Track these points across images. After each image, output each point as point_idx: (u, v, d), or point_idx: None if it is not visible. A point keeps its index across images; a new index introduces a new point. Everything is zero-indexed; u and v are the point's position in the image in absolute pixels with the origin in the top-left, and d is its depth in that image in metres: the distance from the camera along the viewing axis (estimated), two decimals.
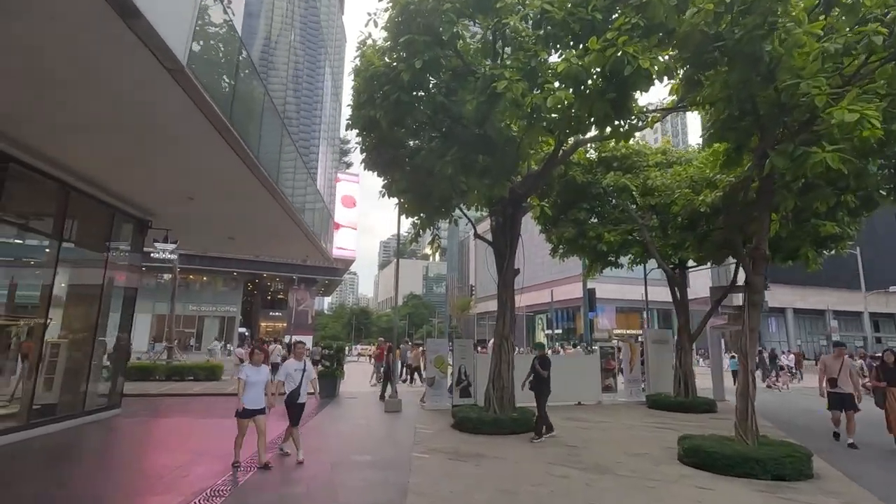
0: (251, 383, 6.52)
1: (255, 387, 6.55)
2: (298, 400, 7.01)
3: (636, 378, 14.34)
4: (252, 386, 6.53)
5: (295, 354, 7.32)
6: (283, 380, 6.98)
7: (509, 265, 10.37)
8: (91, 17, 4.28)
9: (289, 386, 6.97)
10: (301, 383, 7.03)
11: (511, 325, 10.25)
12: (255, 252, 16.03)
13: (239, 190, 9.11)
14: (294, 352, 7.41)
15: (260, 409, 6.60)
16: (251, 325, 62.15)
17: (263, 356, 9.37)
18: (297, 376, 7.02)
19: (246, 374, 6.53)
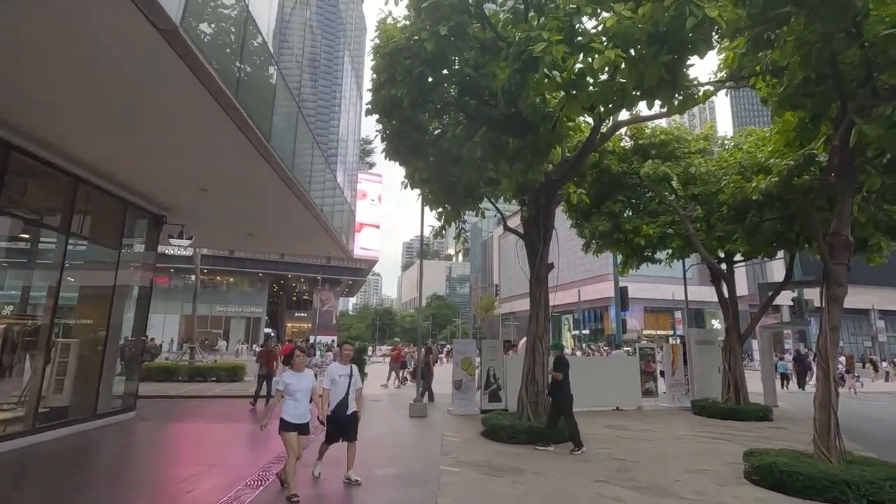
0: (294, 392, 5.40)
1: (298, 397, 5.41)
2: (347, 411, 5.82)
3: (678, 382, 13.26)
4: (295, 396, 5.40)
5: (341, 357, 6.28)
6: (328, 387, 5.78)
7: (543, 259, 9.52)
8: None
9: (333, 396, 5.80)
10: (348, 392, 5.84)
11: (545, 324, 9.40)
12: (276, 250, 15.59)
13: (251, 178, 8.54)
14: (340, 354, 6.40)
15: (304, 423, 5.42)
16: (277, 325, 62.65)
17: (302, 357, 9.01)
18: (342, 384, 5.83)
19: (285, 384, 5.42)
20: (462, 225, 11.44)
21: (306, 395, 5.49)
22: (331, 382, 5.80)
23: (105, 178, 8.59)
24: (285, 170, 8.18)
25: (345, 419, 5.81)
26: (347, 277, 59.43)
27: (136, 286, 10.53)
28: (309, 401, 5.52)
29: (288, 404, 5.36)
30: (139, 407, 10.98)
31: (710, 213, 12.85)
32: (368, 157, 64.98)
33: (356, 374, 6.02)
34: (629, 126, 13.41)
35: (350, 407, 5.86)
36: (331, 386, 5.79)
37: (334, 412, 5.76)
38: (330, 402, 5.76)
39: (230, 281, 56.71)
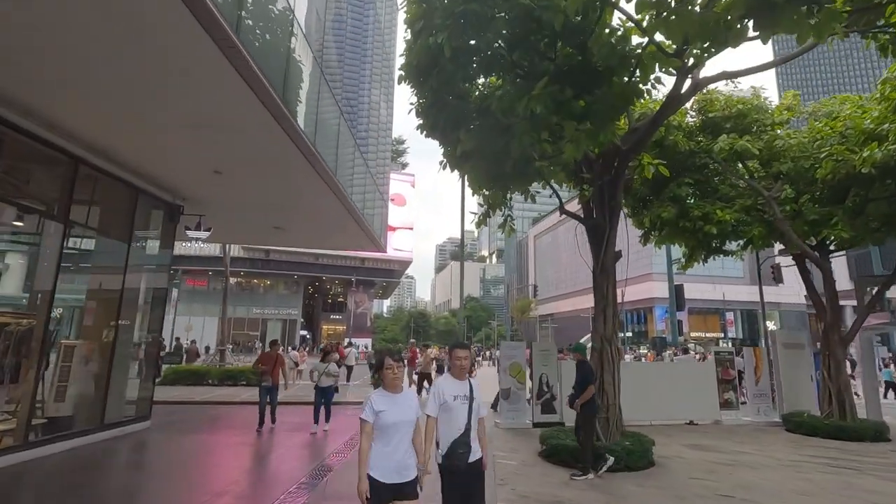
0: (387, 428, 3.02)
1: (393, 436, 3.03)
2: (469, 457, 3.30)
3: (763, 392, 11.36)
4: (388, 434, 3.02)
5: (453, 369, 3.54)
6: (435, 415, 3.36)
7: (609, 245, 7.99)
8: None
9: (446, 430, 3.34)
10: (469, 423, 3.34)
11: (615, 323, 7.86)
12: (305, 245, 14.63)
13: (269, 155, 7.38)
14: (451, 364, 3.58)
15: (406, 482, 3.03)
16: (313, 327, 62.79)
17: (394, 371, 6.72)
18: (459, 411, 3.36)
19: (374, 411, 3.02)
20: (508, 212, 10.01)
21: (407, 433, 3.08)
22: (440, 407, 3.35)
23: (107, 158, 7.63)
24: (307, 141, 6.97)
25: (466, 471, 3.29)
26: (381, 279, 58.86)
27: (151, 282, 9.60)
28: (411, 441, 3.12)
29: (377, 451, 3.01)
30: (162, 414, 10.10)
31: (799, 194, 10.97)
32: (401, 157, 64.35)
33: (478, 395, 3.48)
34: (697, 98, 11.68)
35: (473, 450, 3.31)
36: (441, 413, 3.35)
37: (448, 458, 3.29)
38: (440, 439, 3.35)
39: (266, 283, 57.13)
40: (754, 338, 53.01)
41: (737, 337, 53.06)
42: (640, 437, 7.29)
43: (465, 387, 3.43)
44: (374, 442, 3.02)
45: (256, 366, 9.62)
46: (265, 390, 9.15)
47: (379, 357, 3.28)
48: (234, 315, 54.44)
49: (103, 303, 8.37)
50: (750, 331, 54.94)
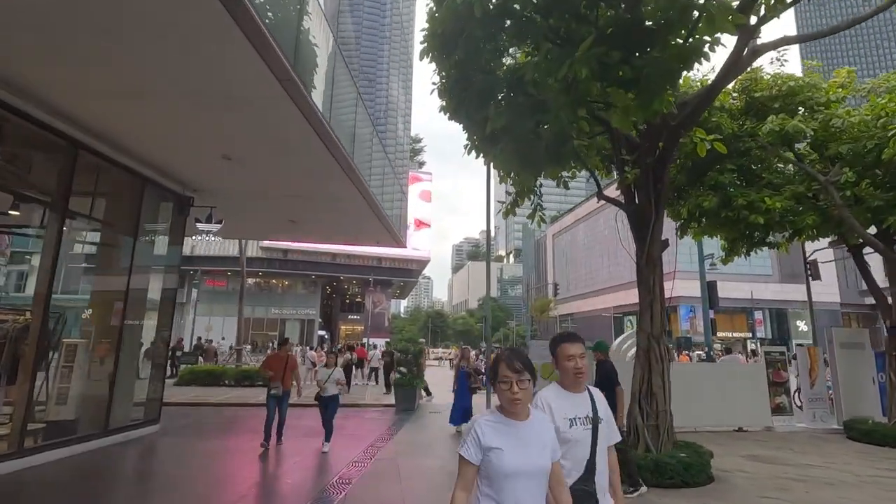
0: (502, 477, 1.75)
1: (514, 491, 1.73)
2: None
3: (819, 396, 10.36)
4: (504, 486, 1.74)
5: (564, 375, 2.35)
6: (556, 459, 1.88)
7: (655, 233, 7.18)
8: None
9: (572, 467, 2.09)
10: (593, 460, 2.13)
11: (663, 320, 7.05)
12: (321, 239, 14.03)
13: (278, 132, 6.76)
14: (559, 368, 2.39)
15: None
16: (331, 327, 62.67)
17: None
18: (581, 439, 2.15)
19: (483, 445, 1.78)
20: (538, 200, 9.24)
21: (537, 487, 1.79)
22: (559, 441, 1.99)
23: (108, 143, 7.10)
24: (322, 121, 6.33)
25: None
26: (399, 279, 58.39)
27: (161, 278, 9.09)
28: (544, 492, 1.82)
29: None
30: (174, 417, 9.61)
31: (859, 178, 9.98)
32: (418, 155, 63.90)
33: (604, 411, 2.30)
34: (741, 77, 10.74)
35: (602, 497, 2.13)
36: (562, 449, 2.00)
37: None
38: None
39: (285, 284, 57.16)
40: (784, 338, 51.21)
41: (765, 337, 51.26)
42: (696, 447, 6.47)
43: (585, 402, 2.24)
44: (479, 490, 1.80)
45: (263, 370, 7.83)
46: (273, 399, 7.49)
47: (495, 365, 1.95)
48: (253, 315, 54.58)
49: (108, 300, 7.86)
50: (779, 330, 52.98)
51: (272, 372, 7.60)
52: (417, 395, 12.32)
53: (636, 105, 5.47)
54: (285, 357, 7.76)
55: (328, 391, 7.57)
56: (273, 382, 7.58)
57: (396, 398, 12.08)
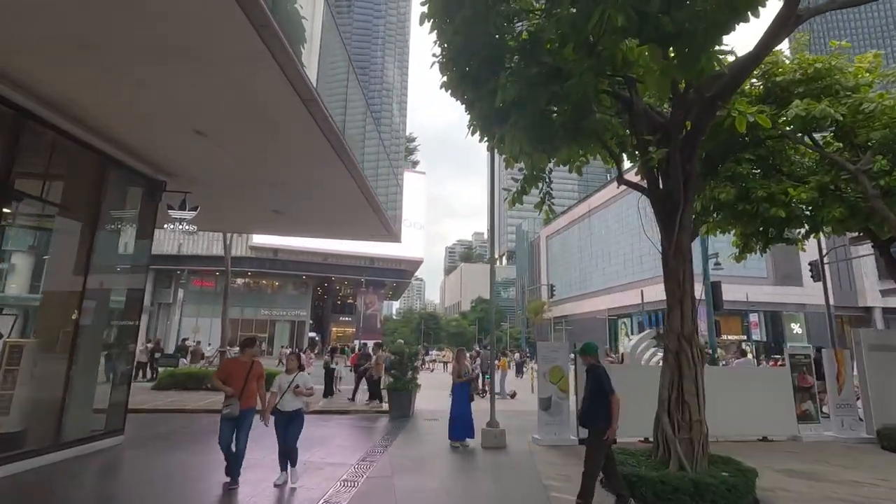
0: None
1: None
2: None
3: (848, 402, 9.61)
4: None
5: None
6: None
7: (685, 220, 6.37)
8: None
9: None
10: None
11: (694, 318, 6.24)
12: (309, 233, 13.06)
13: (257, 100, 5.87)
14: None
15: None
16: (322, 329, 61.54)
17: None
18: None
19: None
20: (547, 188, 8.42)
21: None
22: None
23: (60, 112, 6.16)
24: (308, 85, 5.44)
25: None
26: (391, 279, 57.46)
27: (127, 271, 8.13)
28: None
29: None
30: (143, 426, 8.70)
31: (893, 167, 9.27)
32: (412, 154, 62.99)
33: None
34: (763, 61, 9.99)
35: None
36: None
37: None
38: None
39: (275, 284, 55.95)
40: (778, 340, 51.13)
41: (761, 339, 51.03)
42: (736, 464, 5.67)
43: None
44: None
45: (216, 379, 5.66)
46: (228, 422, 5.45)
47: None
48: (242, 316, 53.37)
49: (63, 295, 6.90)
50: (774, 333, 52.86)
51: (230, 389, 5.48)
52: (413, 401, 11.42)
53: (677, 64, 4.66)
54: (248, 364, 5.71)
55: (287, 405, 5.60)
56: (228, 399, 5.49)
57: (390, 404, 11.18)
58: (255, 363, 5.83)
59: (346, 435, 9.20)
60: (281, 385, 5.73)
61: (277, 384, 5.75)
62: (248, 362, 5.77)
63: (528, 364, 25.44)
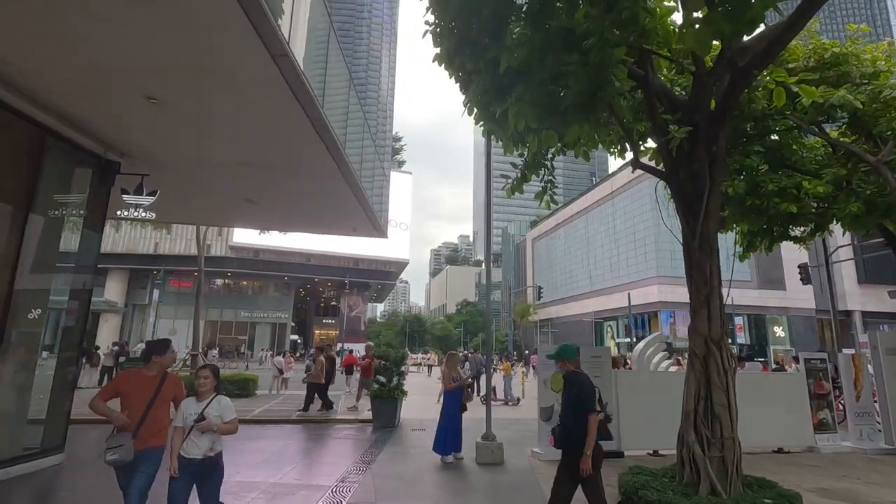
0: None
1: None
2: None
3: (866, 410, 8.99)
4: None
5: None
6: None
7: (711, 207, 5.62)
8: None
9: None
10: None
11: (723, 319, 5.48)
12: (284, 223, 11.98)
13: (223, 56, 4.95)
14: None
15: None
16: (305, 332, 60.14)
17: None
18: None
19: None
20: (548, 176, 7.64)
21: None
22: None
23: None
24: (284, 44, 4.54)
25: None
26: (376, 281, 56.35)
27: (73, 264, 7.09)
28: None
29: None
30: (93, 440, 7.59)
31: None
32: (398, 154, 62.08)
33: None
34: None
35: None
36: None
37: None
38: None
39: (256, 285, 54.47)
40: (762, 343, 51.57)
41: (745, 343, 51.33)
42: (773, 486, 4.92)
43: None
44: None
45: (96, 404, 3.54)
46: (122, 469, 3.57)
47: None
48: (221, 318, 51.84)
49: None
50: (757, 336, 53.30)
51: (123, 417, 3.55)
52: (399, 410, 10.51)
53: (724, 14, 3.88)
54: (156, 380, 3.72)
55: (192, 449, 3.55)
56: (117, 436, 3.53)
57: (374, 413, 10.26)
58: (168, 379, 3.81)
59: (324, 449, 8.27)
60: (185, 417, 3.60)
61: (181, 415, 3.62)
62: (157, 377, 3.74)
63: (517, 367, 24.68)
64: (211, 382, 3.73)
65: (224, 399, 3.76)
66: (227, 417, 3.67)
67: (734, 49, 5.53)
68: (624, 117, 6.64)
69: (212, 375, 3.75)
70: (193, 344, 16.42)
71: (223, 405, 3.70)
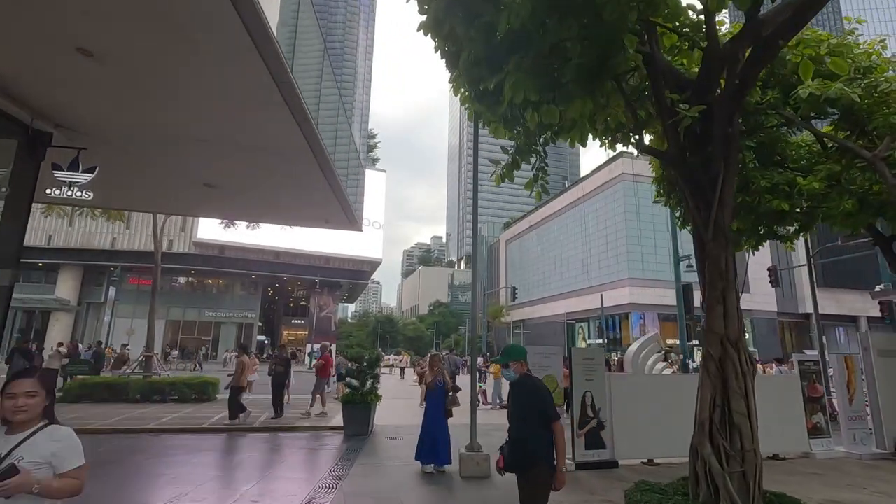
0: None
1: None
2: None
3: (859, 413, 8.74)
4: None
5: None
6: None
7: (726, 193, 5.09)
8: None
9: None
10: None
11: (740, 317, 4.95)
12: (247, 213, 10.91)
13: (174, 13, 4.12)
14: None
15: None
16: (273, 332, 58.22)
17: None
18: None
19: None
20: (541, 163, 7.04)
21: None
22: None
23: None
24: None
25: None
26: (348, 280, 54.96)
27: None
28: None
29: None
30: None
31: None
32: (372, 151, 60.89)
33: None
34: None
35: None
36: None
37: None
38: None
39: (221, 283, 52.26)
40: None
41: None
42: (796, 502, 4.39)
43: None
44: None
45: None
46: None
47: None
48: (184, 318, 49.51)
49: None
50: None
51: None
52: (372, 416, 9.71)
53: None
54: None
55: None
56: None
57: (345, 420, 9.44)
58: None
59: (289, 461, 7.42)
60: None
61: None
62: None
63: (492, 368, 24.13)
64: (36, 404, 2.09)
65: (61, 431, 2.14)
66: (63, 466, 2.06)
67: (755, 21, 5.03)
68: (630, 93, 6.09)
69: (40, 390, 2.11)
70: (147, 344, 15.13)
71: (60, 444, 2.10)
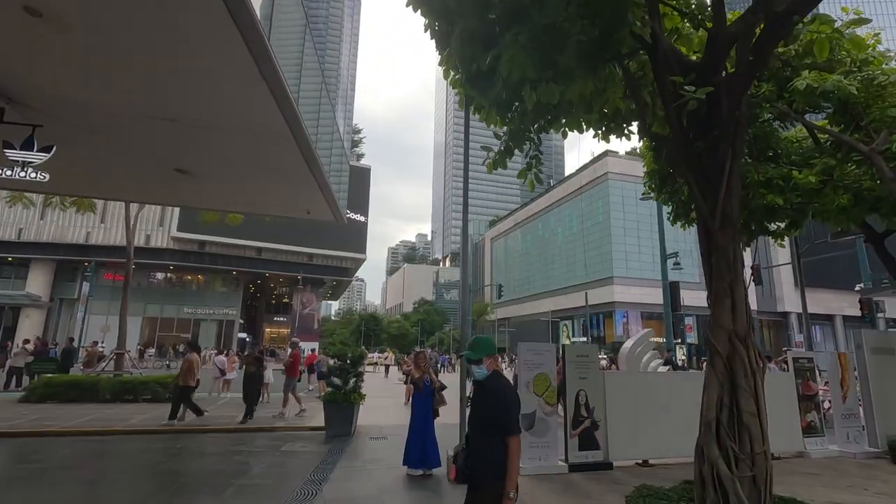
0: None
1: None
2: None
3: (852, 412, 8.61)
4: None
5: None
6: None
7: (733, 181, 4.80)
8: None
9: None
10: None
11: (748, 312, 4.68)
12: (223, 202, 10.23)
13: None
14: None
15: None
16: (255, 329, 57.19)
17: None
18: None
19: None
20: (534, 151, 6.71)
21: None
22: None
23: None
24: None
25: None
26: (331, 277, 54.13)
27: None
28: None
29: None
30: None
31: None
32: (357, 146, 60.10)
33: None
34: None
35: None
36: None
37: None
38: None
39: (200, 280, 51.06)
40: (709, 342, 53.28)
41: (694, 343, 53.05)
42: None
43: None
44: None
45: None
46: None
47: None
48: (162, 315, 48.26)
49: None
50: (705, 335, 55.41)
51: None
52: (355, 416, 9.29)
53: None
54: None
55: None
56: None
57: (327, 420, 8.99)
58: None
59: (266, 465, 6.95)
60: None
61: None
62: None
63: None
64: None
65: None
66: None
67: None
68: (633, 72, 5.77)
69: None
70: (119, 341, 14.42)
71: None
